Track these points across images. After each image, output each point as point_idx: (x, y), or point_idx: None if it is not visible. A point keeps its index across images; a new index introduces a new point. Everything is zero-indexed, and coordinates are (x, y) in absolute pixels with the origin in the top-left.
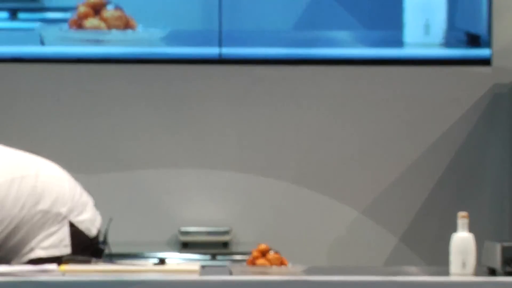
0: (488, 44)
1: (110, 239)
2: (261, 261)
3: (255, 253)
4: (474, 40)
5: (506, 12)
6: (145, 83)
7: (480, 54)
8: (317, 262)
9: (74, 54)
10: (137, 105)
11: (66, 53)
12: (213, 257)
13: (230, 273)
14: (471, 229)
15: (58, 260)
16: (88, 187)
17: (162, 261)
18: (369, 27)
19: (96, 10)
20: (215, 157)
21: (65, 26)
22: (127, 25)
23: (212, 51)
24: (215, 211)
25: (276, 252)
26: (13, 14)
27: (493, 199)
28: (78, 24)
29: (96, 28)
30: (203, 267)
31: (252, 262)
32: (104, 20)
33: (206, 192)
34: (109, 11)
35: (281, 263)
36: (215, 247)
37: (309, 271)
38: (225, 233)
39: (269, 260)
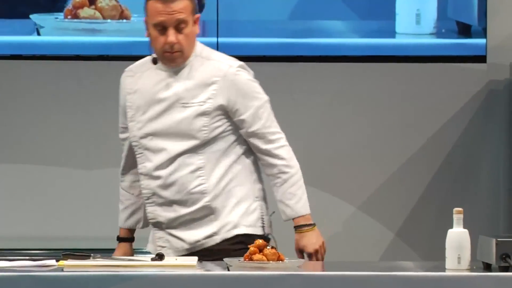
0: (479, 34)
1: (109, 234)
2: (258, 256)
3: (252, 248)
4: (465, 30)
5: (500, 9)
6: None
7: (472, 44)
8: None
9: (70, 44)
10: None
11: (62, 42)
12: None
13: (227, 268)
14: (467, 224)
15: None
16: (87, 183)
17: (159, 256)
18: (362, 17)
19: (91, 0)
20: None
21: (61, 16)
22: (122, 15)
23: (209, 40)
24: None
25: (273, 248)
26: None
27: (488, 195)
28: (74, 14)
29: (91, 18)
30: (200, 262)
31: (249, 258)
32: (99, 9)
33: None
34: (104, 1)
35: (278, 258)
36: None
37: (305, 266)
38: None
39: (266, 255)
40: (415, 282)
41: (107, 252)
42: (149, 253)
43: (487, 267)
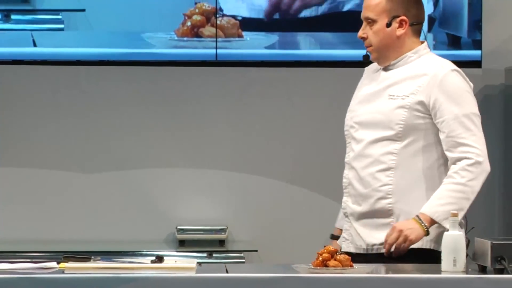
0: (469, 46)
1: (109, 237)
2: (333, 262)
3: (325, 255)
4: (455, 42)
5: (496, 15)
6: (142, 84)
7: (462, 55)
8: (312, 260)
9: (67, 55)
10: (134, 106)
11: (59, 53)
12: (210, 254)
13: (226, 271)
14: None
15: None
16: (86, 187)
17: (159, 259)
18: (354, 29)
19: (208, 18)
20: (211, 156)
21: (173, 35)
22: (238, 32)
23: (207, 52)
24: (211, 210)
25: (343, 253)
26: (6, 15)
27: (483, 198)
28: (195, 33)
29: (213, 37)
30: (199, 264)
31: (324, 264)
32: (221, 28)
33: (202, 191)
34: (224, 19)
35: (350, 263)
36: (212, 244)
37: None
38: (221, 231)
39: (340, 261)
40: (411, 284)
41: (107, 255)
42: (149, 255)
43: (483, 270)
